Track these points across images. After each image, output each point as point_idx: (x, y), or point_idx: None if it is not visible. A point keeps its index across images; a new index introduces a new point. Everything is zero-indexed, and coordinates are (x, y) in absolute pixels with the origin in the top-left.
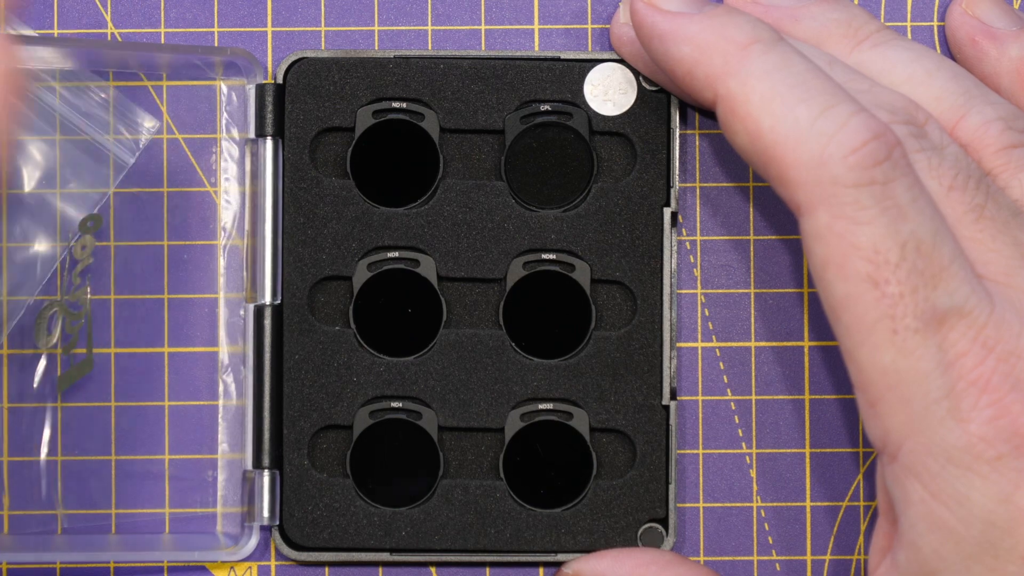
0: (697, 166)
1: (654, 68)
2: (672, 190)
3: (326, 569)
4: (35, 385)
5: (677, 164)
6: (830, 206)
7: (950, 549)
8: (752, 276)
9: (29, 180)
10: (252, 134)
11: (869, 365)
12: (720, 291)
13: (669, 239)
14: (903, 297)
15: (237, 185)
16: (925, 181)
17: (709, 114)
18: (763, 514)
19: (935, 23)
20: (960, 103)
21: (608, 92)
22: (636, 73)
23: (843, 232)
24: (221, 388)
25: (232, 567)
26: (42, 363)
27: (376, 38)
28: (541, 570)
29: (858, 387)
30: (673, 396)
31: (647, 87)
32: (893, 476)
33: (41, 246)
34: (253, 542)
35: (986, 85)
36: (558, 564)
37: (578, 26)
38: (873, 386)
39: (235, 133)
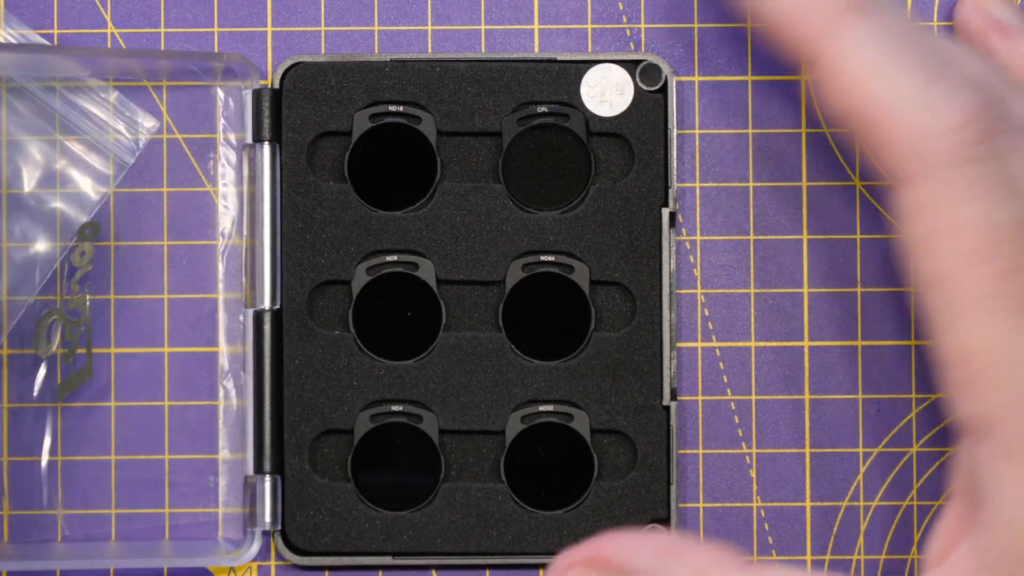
0: (697, 166)
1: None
2: (670, 190)
3: (327, 573)
4: (35, 393)
5: (675, 164)
6: (939, 178)
7: None
8: (752, 276)
9: (29, 180)
10: (249, 139)
11: (970, 341)
12: (720, 291)
13: (668, 239)
14: (1008, 275)
15: (235, 189)
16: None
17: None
18: (763, 514)
19: (935, 23)
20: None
21: (605, 93)
22: (632, 74)
23: (951, 205)
24: (221, 393)
25: (232, 570)
26: (42, 371)
27: (376, 38)
28: (542, 572)
29: (951, 364)
30: (673, 396)
31: (644, 88)
32: (985, 456)
33: (41, 246)
34: (255, 547)
35: None
36: None
37: (578, 26)
38: (969, 364)
39: (233, 137)
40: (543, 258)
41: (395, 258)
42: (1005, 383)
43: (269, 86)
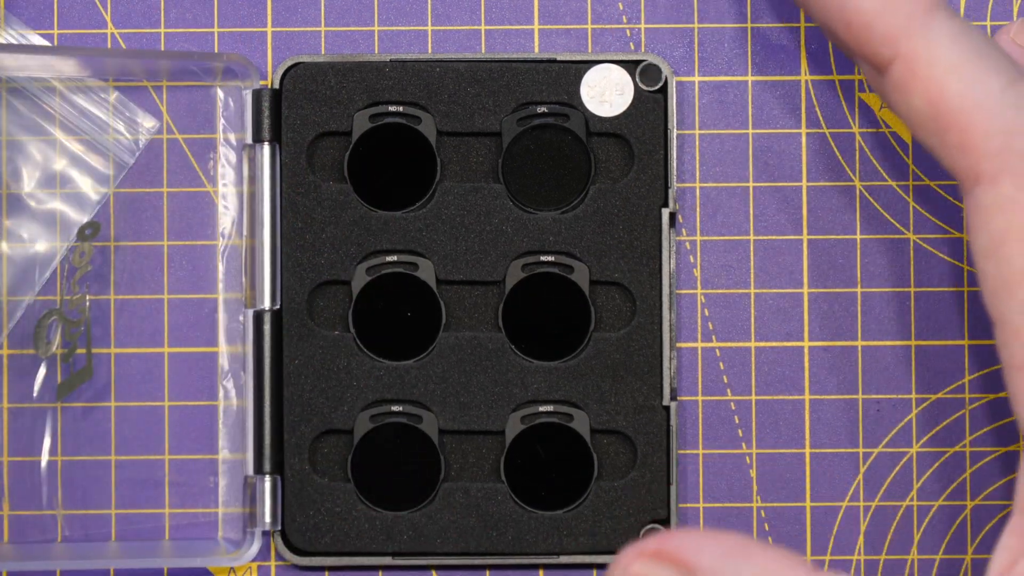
0: (697, 166)
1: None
2: (670, 191)
3: (327, 573)
4: (35, 393)
5: (675, 164)
6: (1016, 177)
7: None
8: (752, 276)
9: (29, 180)
10: (249, 139)
11: None
12: (720, 291)
13: (668, 240)
14: None
15: (235, 189)
16: None
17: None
18: (763, 514)
19: None
20: None
21: (605, 93)
22: (632, 74)
23: None
24: (221, 393)
25: (232, 570)
26: (42, 371)
27: (376, 39)
28: (542, 572)
29: (1020, 370)
30: (673, 397)
31: (644, 88)
32: None
33: (41, 246)
34: (255, 547)
35: None
36: (560, 566)
37: (578, 26)
38: None
39: (233, 137)
40: (543, 258)
41: (395, 258)
42: None
43: (269, 86)
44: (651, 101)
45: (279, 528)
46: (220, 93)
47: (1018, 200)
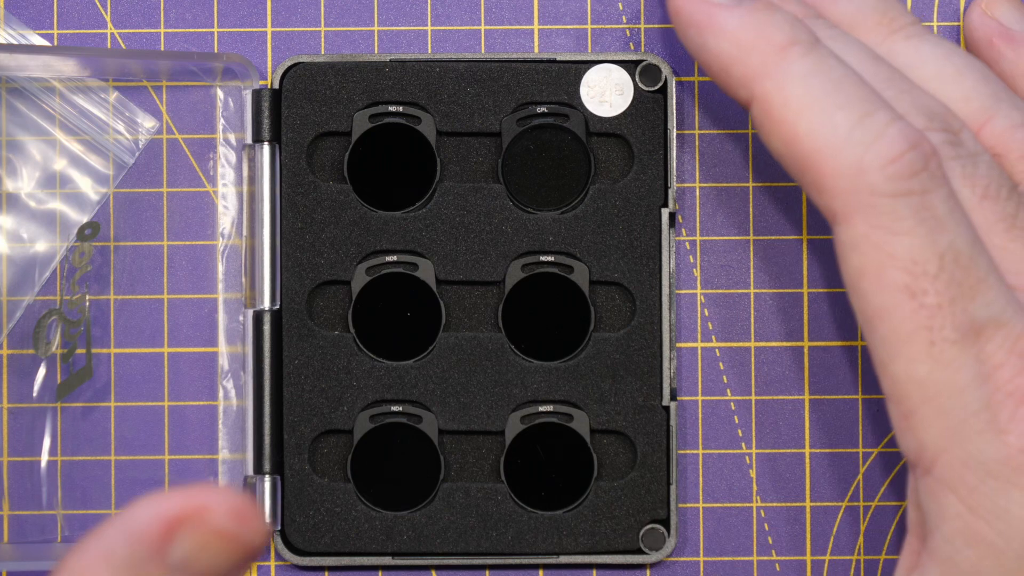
0: (697, 166)
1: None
2: (670, 191)
3: (326, 573)
4: (35, 393)
5: (675, 165)
6: (867, 216)
7: (989, 564)
8: (752, 276)
9: (29, 180)
10: (249, 139)
11: (905, 377)
12: (720, 291)
13: (667, 240)
14: (941, 308)
15: (235, 189)
16: (958, 190)
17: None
18: (763, 514)
19: (935, 23)
20: (988, 105)
21: (604, 93)
22: (632, 74)
23: (880, 242)
24: (221, 393)
25: None
26: (41, 371)
27: (376, 39)
28: (541, 572)
29: (892, 399)
30: (673, 397)
31: (643, 88)
32: (927, 490)
33: (41, 246)
34: None
35: None
36: (560, 566)
37: (578, 26)
38: (908, 398)
39: (232, 137)
40: (543, 258)
41: (395, 258)
42: (939, 418)
43: (269, 86)
44: (651, 101)
45: (279, 528)
46: (220, 93)
47: (870, 238)
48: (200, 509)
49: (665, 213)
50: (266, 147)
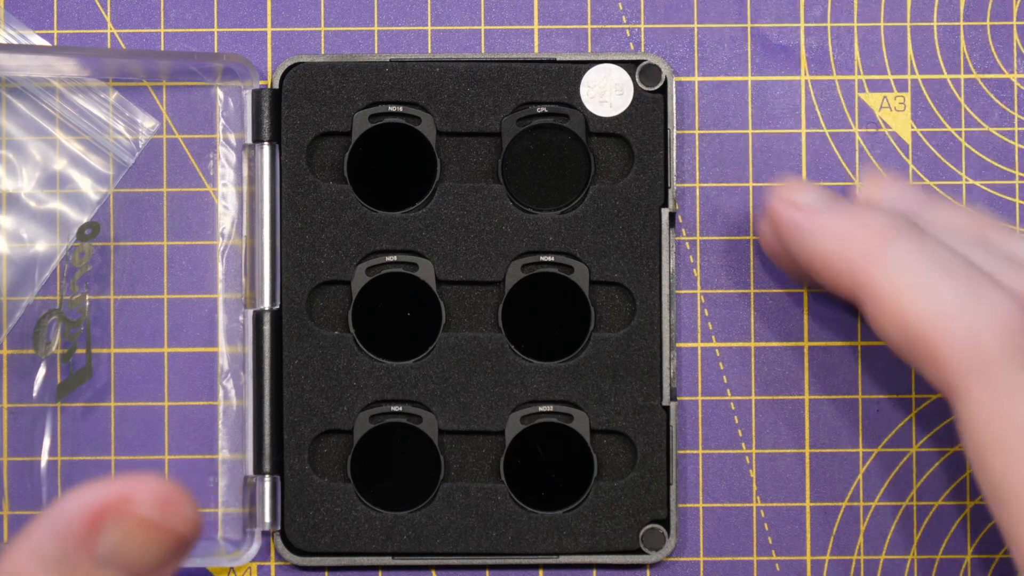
0: (697, 166)
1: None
2: (670, 191)
3: (326, 573)
4: (35, 393)
5: (674, 164)
6: (986, 386)
7: None
8: (752, 276)
9: (29, 180)
10: (249, 139)
11: None
12: (719, 291)
13: (667, 240)
14: None
15: (235, 189)
16: None
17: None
18: (763, 514)
19: (935, 23)
20: None
21: (604, 93)
22: (632, 74)
23: (1002, 410)
24: (221, 393)
25: (232, 570)
26: (41, 371)
27: (376, 39)
28: (541, 572)
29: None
30: (673, 397)
31: (643, 88)
32: None
33: (41, 246)
34: (255, 547)
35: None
36: (559, 566)
37: (578, 26)
38: None
39: (232, 137)
40: (543, 258)
41: (395, 258)
42: None
43: (269, 86)
44: (651, 101)
45: (279, 528)
46: (220, 93)
47: (992, 409)
48: (123, 499)
49: (665, 213)
50: (266, 147)
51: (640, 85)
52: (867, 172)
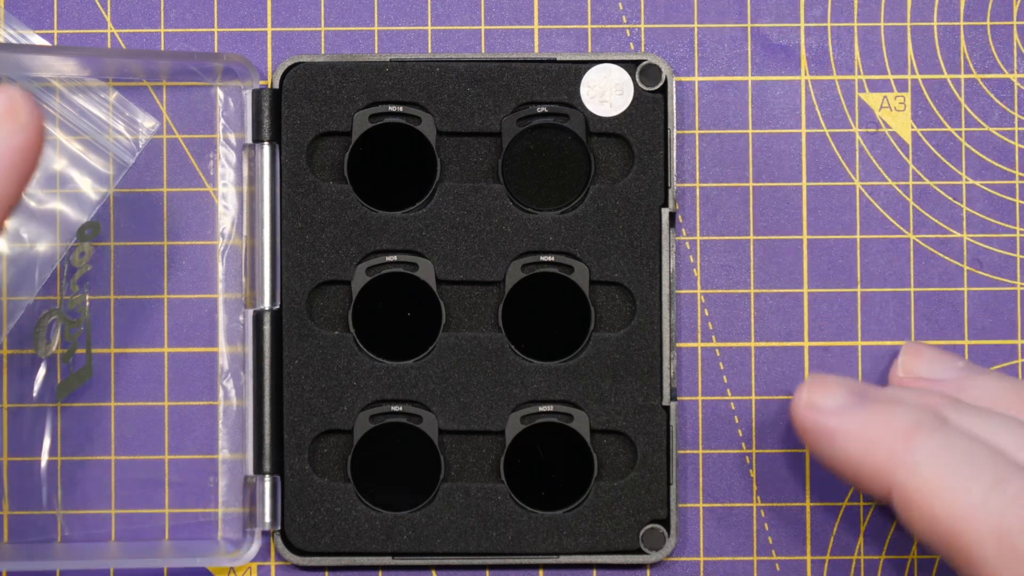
0: (697, 166)
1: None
2: (670, 191)
3: (326, 573)
4: (35, 393)
5: (675, 164)
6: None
7: None
8: (752, 276)
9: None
10: (249, 139)
11: None
12: (720, 291)
13: (667, 240)
14: None
15: (235, 189)
16: None
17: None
18: (763, 514)
19: (935, 22)
20: None
21: (605, 93)
22: (632, 74)
23: None
24: (221, 393)
25: (232, 570)
26: (41, 371)
27: (376, 39)
28: (541, 572)
29: None
30: (673, 397)
31: (644, 88)
32: None
33: (41, 246)
34: (255, 547)
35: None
36: (560, 566)
37: (578, 26)
38: None
39: (232, 137)
40: (543, 258)
41: (395, 258)
42: None
43: (269, 86)
44: (651, 101)
45: (279, 528)
46: (220, 93)
47: None
48: None
49: (665, 213)
50: (266, 147)
51: (640, 85)
52: (907, 345)
